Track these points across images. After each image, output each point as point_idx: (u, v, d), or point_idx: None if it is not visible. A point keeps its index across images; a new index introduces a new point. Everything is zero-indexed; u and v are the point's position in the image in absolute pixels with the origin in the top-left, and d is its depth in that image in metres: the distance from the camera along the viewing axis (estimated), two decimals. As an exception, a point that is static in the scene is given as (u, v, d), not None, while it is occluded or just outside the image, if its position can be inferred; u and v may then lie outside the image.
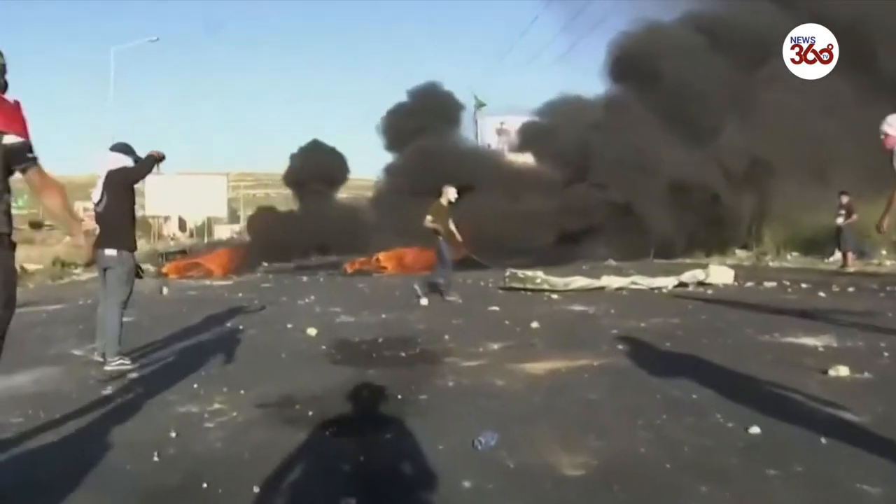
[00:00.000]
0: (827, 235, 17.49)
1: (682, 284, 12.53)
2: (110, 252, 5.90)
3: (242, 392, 4.90)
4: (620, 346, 6.39)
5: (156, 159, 6.35)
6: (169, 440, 3.80)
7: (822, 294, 10.57)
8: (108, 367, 5.75)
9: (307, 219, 29.23)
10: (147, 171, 6.34)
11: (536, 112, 31.52)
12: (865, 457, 3.20)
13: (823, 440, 3.45)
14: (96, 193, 6.08)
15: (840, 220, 16.22)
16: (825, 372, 4.94)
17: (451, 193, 11.32)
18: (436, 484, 3.11)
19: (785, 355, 5.69)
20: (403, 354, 6.45)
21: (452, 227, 11.25)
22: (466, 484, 3.08)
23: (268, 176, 51.35)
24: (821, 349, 5.94)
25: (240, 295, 13.03)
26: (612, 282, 12.61)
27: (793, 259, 19.52)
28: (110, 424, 4.13)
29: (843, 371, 4.91)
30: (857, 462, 3.13)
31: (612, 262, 20.21)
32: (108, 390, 5.06)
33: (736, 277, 13.23)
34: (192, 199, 30.17)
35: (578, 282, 12.58)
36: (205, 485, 3.12)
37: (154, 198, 29.20)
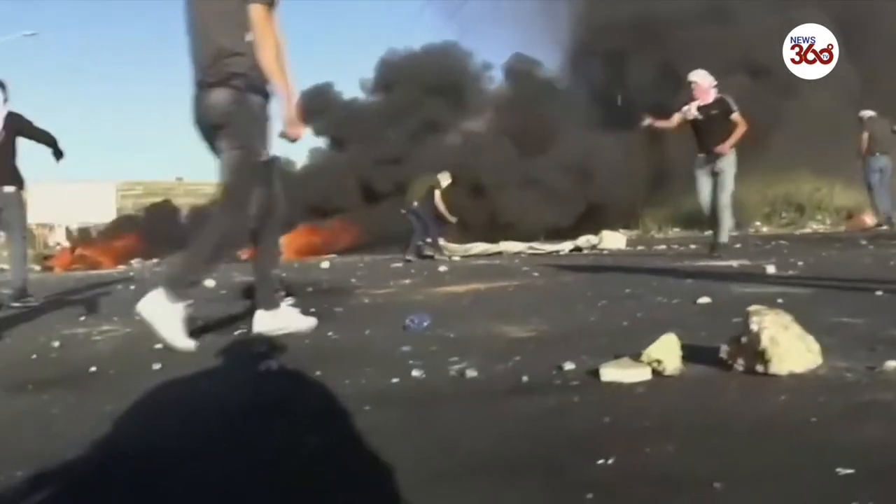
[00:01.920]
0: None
1: (578, 249, 12.51)
2: (9, 189, 5.66)
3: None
4: (536, 274, 6.09)
5: (53, 147, 6.04)
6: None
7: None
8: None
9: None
10: (40, 139, 5.97)
11: None
12: (832, 305, 2.99)
13: (780, 300, 3.21)
14: None
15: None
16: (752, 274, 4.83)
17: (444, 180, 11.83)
18: (370, 352, 2.62)
19: (706, 271, 5.53)
20: (310, 290, 5.90)
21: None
22: (406, 349, 2.60)
23: (157, 184, 48.47)
24: (736, 266, 5.84)
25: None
26: (510, 247, 12.45)
27: (675, 233, 20.18)
28: None
29: (771, 269, 4.80)
30: (826, 308, 2.90)
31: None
32: None
33: (628, 243, 13.37)
34: (79, 207, 27.98)
35: (478, 247, 12.36)
36: (93, 368, 2.58)
37: (40, 206, 26.47)
